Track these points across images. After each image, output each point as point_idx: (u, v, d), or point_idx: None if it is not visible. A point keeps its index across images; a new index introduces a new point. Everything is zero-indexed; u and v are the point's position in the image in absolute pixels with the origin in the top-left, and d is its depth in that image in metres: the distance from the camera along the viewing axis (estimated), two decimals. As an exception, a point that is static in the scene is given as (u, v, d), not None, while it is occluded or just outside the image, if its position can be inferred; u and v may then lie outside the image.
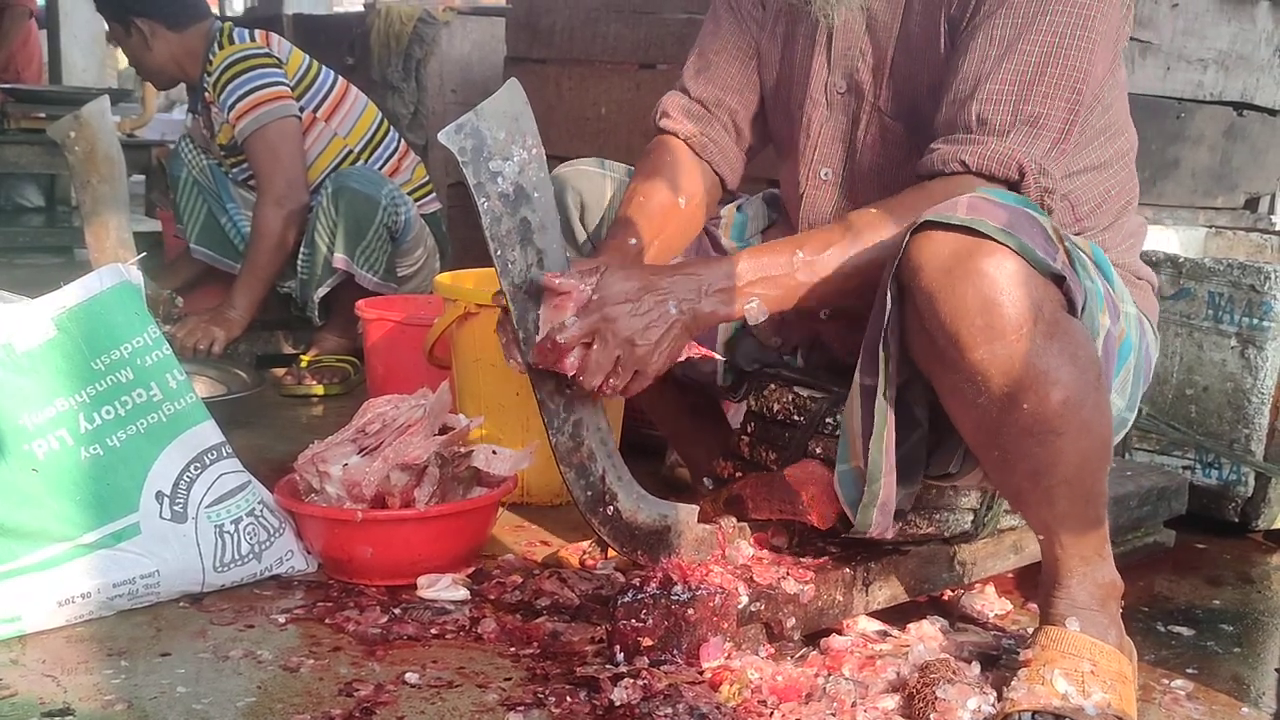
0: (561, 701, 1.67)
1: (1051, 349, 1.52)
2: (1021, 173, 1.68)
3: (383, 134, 3.76)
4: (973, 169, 1.68)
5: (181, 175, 3.87)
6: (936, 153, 1.72)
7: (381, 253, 3.49)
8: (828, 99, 1.91)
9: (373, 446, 2.10)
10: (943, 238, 1.51)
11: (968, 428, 1.64)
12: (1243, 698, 1.82)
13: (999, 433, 1.58)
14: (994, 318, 1.49)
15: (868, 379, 1.65)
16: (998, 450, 1.62)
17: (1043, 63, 1.68)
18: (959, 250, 1.50)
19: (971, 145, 1.69)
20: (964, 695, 1.62)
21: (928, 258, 1.52)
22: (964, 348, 1.52)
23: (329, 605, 1.99)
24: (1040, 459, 1.58)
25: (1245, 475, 2.51)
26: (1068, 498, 1.62)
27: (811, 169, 1.94)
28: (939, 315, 1.52)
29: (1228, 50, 3.26)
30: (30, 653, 1.81)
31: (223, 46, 3.60)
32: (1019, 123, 1.68)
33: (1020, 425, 1.55)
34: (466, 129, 1.65)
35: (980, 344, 1.51)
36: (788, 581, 1.82)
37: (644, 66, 3.44)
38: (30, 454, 1.88)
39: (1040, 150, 1.68)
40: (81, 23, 9.03)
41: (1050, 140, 1.69)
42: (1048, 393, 1.53)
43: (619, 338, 1.63)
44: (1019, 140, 1.68)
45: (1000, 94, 1.68)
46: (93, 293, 1.98)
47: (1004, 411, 1.55)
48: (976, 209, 1.53)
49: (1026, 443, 1.57)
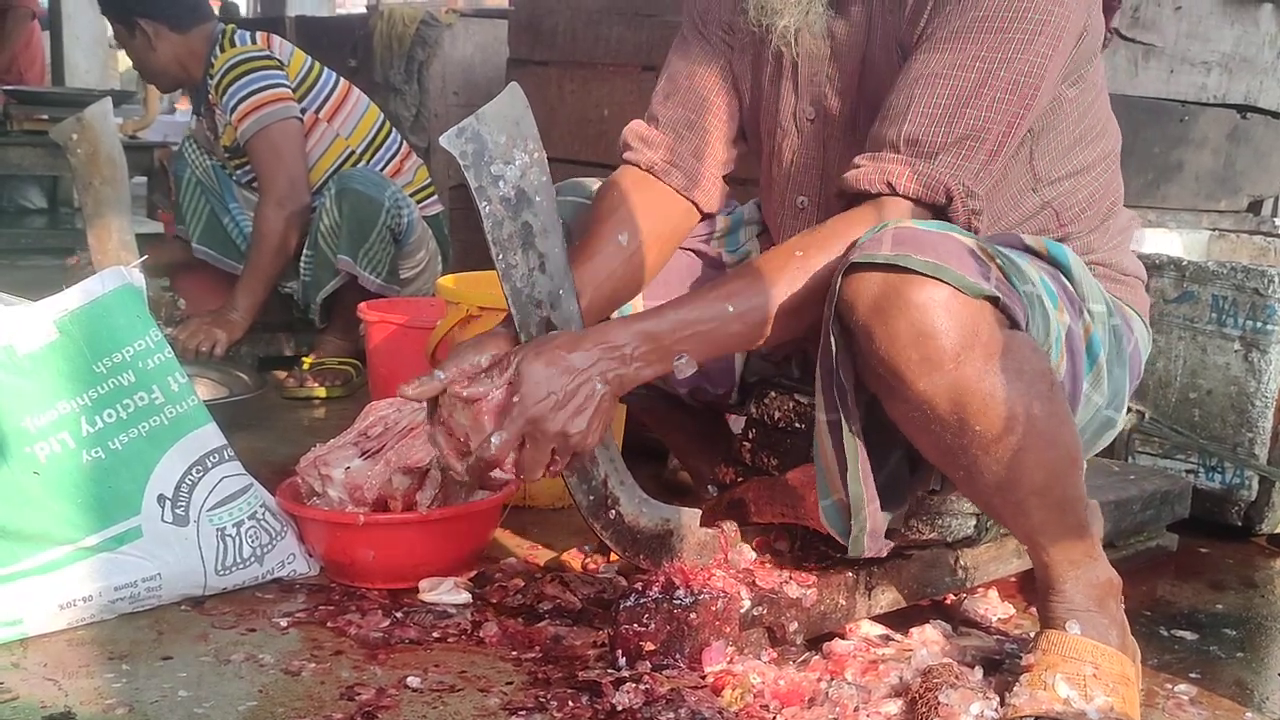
0: (564, 706, 1.67)
1: (993, 369, 1.51)
2: (949, 197, 1.66)
3: (385, 135, 3.77)
4: (899, 192, 1.66)
5: (185, 175, 3.87)
6: (862, 170, 1.69)
7: (384, 255, 3.49)
8: (798, 126, 1.89)
9: (375, 449, 2.10)
10: (871, 277, 1.51)
11: (929, 452, 1.64)
12: (1246, 702, 1.81)
13: (958, 454, 1.58)
14: (929, 350, 1.49)
15: (830, 414, 1.64)
16: (962, 470, 1.62)
17: (981, 80, 1.64)
18: (886, 289, 1.50)
19: (898, 167, 1.66)
20: (967, 700, 1.61)
21: (860, 297, 1.52)
22: (906, 381, 1.52)
23: (331, 609, 1.99)
24: (1003, 475, 1.58)
25: (1249, 479, 2.50)
26: (1041, 508, 1.62)
27: (787, 198, 1.93)
28: (877, 352, 1.53)
29: (1231, 53, 3.26)
30: (31, 656, 1.81)
31: (225, 49, 3.61)
32: (949, 144, 1.65)
33: (977, 445, 1.55)
34: (468, 133, 1.65)
35: (920, 376, 1.51)
36: (790, 586, 1.81)
37: (646, 69, 3.44)
38: (32, 457, 1.88)
39: (969, 173, 1.66)
40: (84, 24, 9.04)
41: (981, 161, 1.66)
42: (997, 412, 1.53)
43: (549, 434, 1.60)
44: (947, 162, 1.65)
45: (933, 114, 1.65)
46: (94, 295, 1.97)
47: (958, 435, 1.55)
48: (902, 243, 1.51)
49: (985, 461, 1.57)
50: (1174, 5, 3.06)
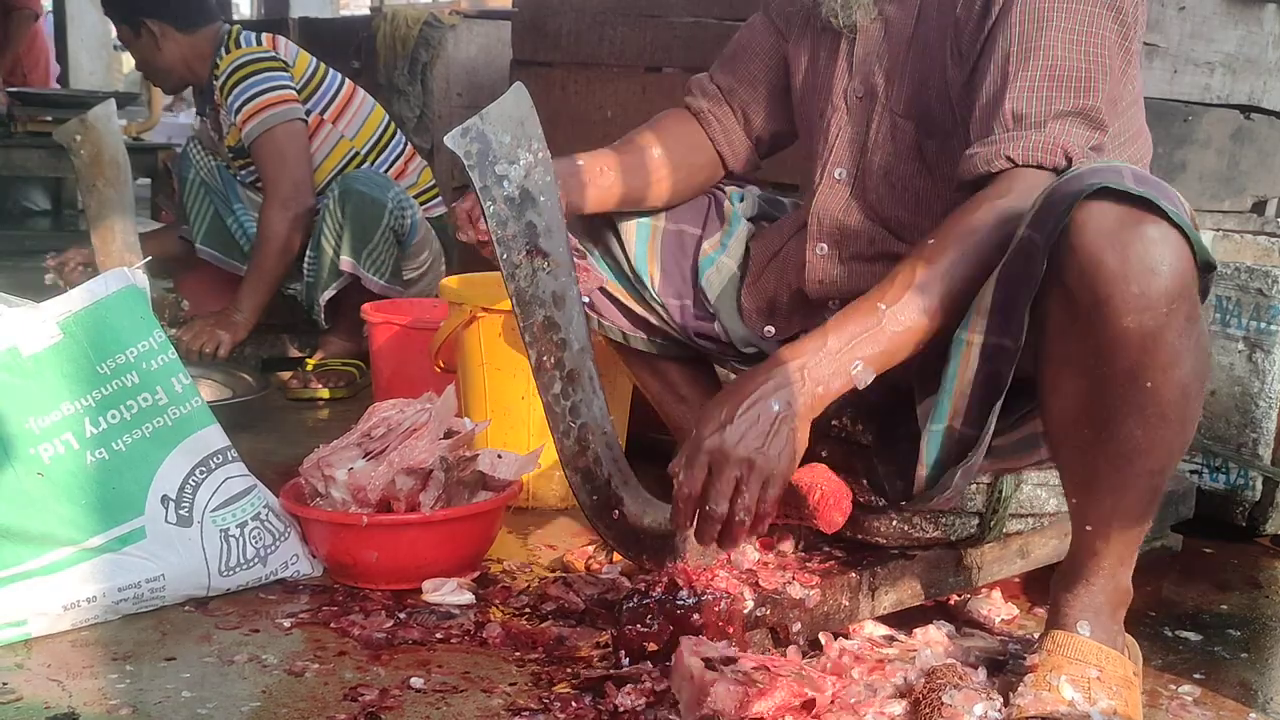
0: (567, 706, 1.67)
1: (1190, 333, 1.51)
2: (1069, 158, 1.68)
3: (389, 136, 3.77)
4: (1019, 161, 1.68)
5: (189, 176, 3.87)
6: (977, 155, 1.71)
7: (388, 256, 3.49)
8: (847, 104, 1.94)
9: (378, 450, 2.10)
10: (1110, 205, 1.49)
11: (1069, 403, 1.60)
12: (1250, 703, 1.81)
13: (1106, 409, 1.55)
14: (1150, 286, 1.47)
15: (996, 338, 1.61)
16: (1092, 429, 1.58)
17: (1065, 59, 1.68)
18: (1127, 218, 1.49)
19: (1012, 141, 1.69)
20: (970, 701, 1.61)
21: (1095, 222, 1.50)
22: (1112, 313, 1.49)
23: (334, 609, 1.99)
24: (1137, 443, 1.56)
25: (1253, 480, 2.50)
26: (1142, 489, 1.60)
27: (826, 170, 1.96)
28: (1095, 278, 1.49)
29: (1235, 53, 3.25)
30: (36, 657, 1.81)
31: (230, 50, 3.61)
32: (1053, 117, 1.68)
33: (1134, 404, 1.53)
34: (472, 133, 1.65)
35: (1129, 312, 1.48)
36: (793, 586, 1.81)
37: (650, 70, 3.44)
38: (36, 458, 1.88)
39: (1081, 139, 1.69)
40: (88, 27, 9.06)
41: (1088, 131, 1.70)
42: (1172, 375, 1.51)
43: (733, 459, 1.60)
44: (1058, 130, 1.68)
45: (1029, 93, 1.69)
46: (98, 297, 1.98)
47: (1123, 386, 1.52)
48: (1143, 181, 1.51)
49: (1129, 424, 1.54)
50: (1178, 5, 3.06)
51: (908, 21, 1.86)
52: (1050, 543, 2.09)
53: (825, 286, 1.97)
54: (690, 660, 1.62)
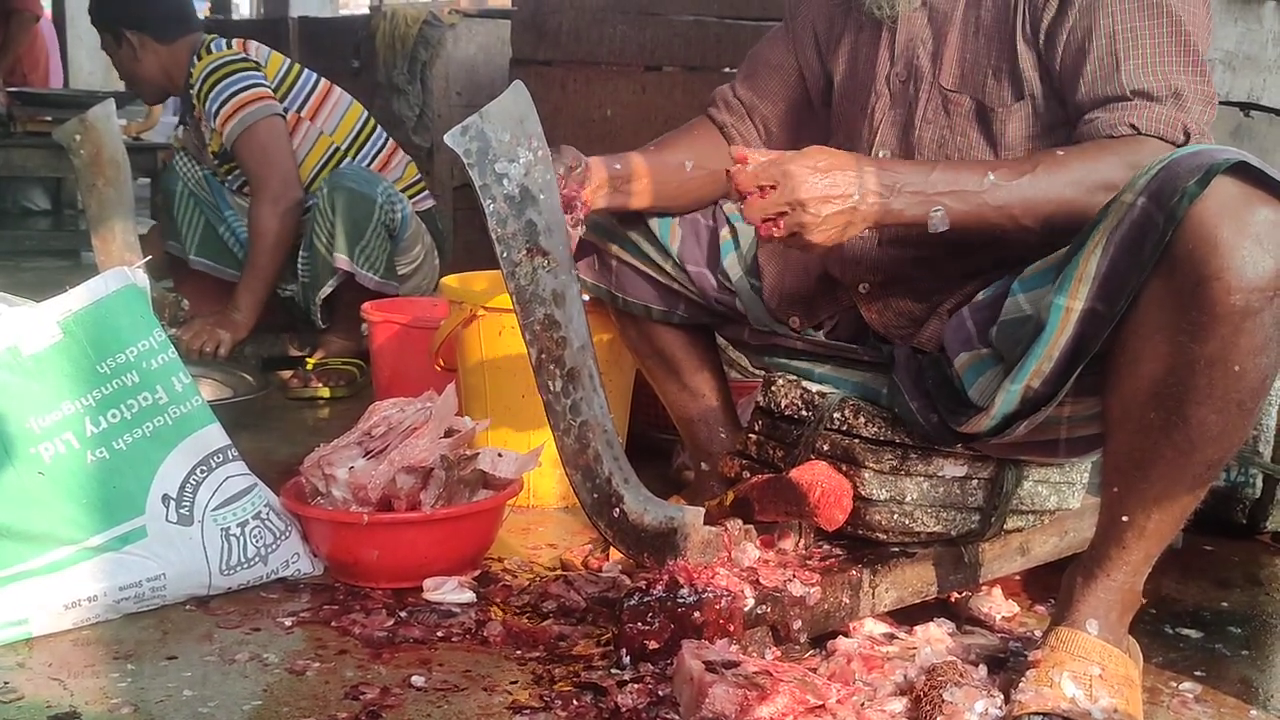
0: (568, 705, 1.67)
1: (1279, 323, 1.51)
2: (1187, 135, 1.71)
3: (369, 131, 3.77)
4: (1142, 130, 1.72)
5: (177, 189, 3.86)
6: (1099, 120, 1.75)
7: (381, 251, 3.49)
8: (890, 89, 1.97)
9: (379, 449, 2.10)
10: (1235, 181, 1.50)
11: (1144, 381, 1.58)
12: (1251, 700, 1.81)
13: (1184, 389, 1.54)
14: (1264, 268, 1.48)
15: (1101, 305, 1.60)
16: (1162, 411, 1.57)
17: (1170, 38, 1.73)
18: (1251, 198, 1.49)
19: (1135, 111, 1.73)
20: (971, 698, 1.61)
21: (1218, 197, 1.50)
22: (1221, 289, 1.48)
23: (335, 608, 1.99)
24: (1208, 429, 1.55)
25: (1253, 477, 2.50)
26: (1194, 481, 1.60)
27: (872, 151, 1.99)
28: (1211, 251, 1.49)
29: (1234, 50, 3.25)
30: (37, 656, 1.81)
31: (201, 58, 3.62)
32: (1169, 94, 1.73)
33: (1217, 387, 1.52)
34: (472, 131, 1.65)
35: (1236, 290, 1.48)
36: (794, 584, 1.81)
37: (650, 68, 3.44)
38: (37, 457, 1.88)
39: (1196, 114, 1.73)
40: (88, 27, 9.02)
41: (1202, 108, 1.74)
42: (1259, 362, 1.51)
43: (793, 195, 1.69)
44: (1174, 107, 1.73)
45: (1144, 69, 1.73)
46: (98, 296, 1.98)
47: (1210, 367, 1.52)
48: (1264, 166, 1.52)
49: (1205, 408, 1.54)
50: (1177, 3, 3.06)
51: (954, 5, 1.90)
52: (1050, 540, 2.09)
53: (860, 268, 1.98)
54: (691, 663, 1.62)
